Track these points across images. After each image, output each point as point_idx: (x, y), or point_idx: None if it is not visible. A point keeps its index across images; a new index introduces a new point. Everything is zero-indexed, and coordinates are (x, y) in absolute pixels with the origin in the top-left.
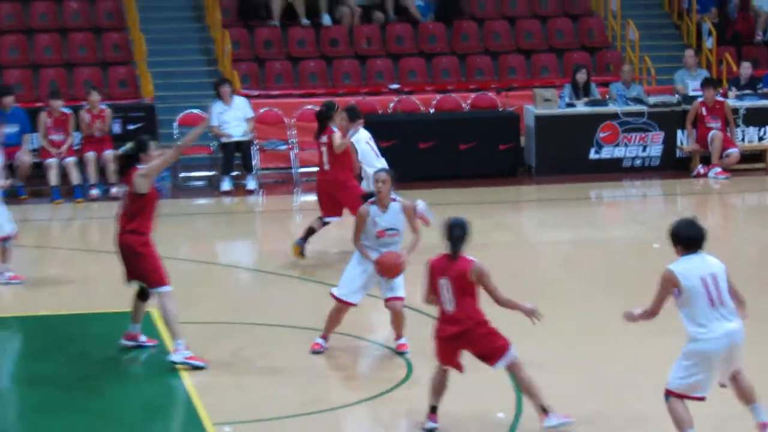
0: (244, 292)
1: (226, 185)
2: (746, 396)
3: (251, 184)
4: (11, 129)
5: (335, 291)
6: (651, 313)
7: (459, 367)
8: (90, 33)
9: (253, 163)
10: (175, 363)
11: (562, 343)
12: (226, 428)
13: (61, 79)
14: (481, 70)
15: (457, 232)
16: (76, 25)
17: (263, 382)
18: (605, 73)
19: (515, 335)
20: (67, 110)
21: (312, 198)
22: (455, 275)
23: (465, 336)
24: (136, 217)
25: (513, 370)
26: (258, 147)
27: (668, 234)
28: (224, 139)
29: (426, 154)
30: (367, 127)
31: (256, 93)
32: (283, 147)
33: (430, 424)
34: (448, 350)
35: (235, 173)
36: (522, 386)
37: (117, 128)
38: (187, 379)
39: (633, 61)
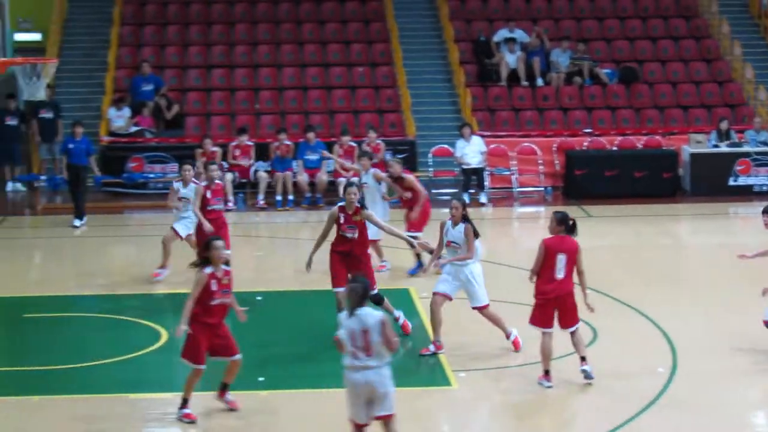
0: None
1: (465, 199)
2: None
3: (483, 198)
4: (314, 156)
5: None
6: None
7: (550, 325)
8: (371, 89)
9: (485, 183)
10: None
11: (703, 313)
12: (462, 374)
13: (349, 121)
14: (651, 119)
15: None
16: (362, 84)
17: (491, 341)
18: (741, 123)
19: (674, 306)
20: (353, 144)
21: (527, 209)
22: (569, 251)
23: (562, 299)
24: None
25: (574, 337)
26: (489, 172)
27: None
28: (465, 166)
29: (610, 180)
30: (568, 159)
31: (488, 134)
32: (507, 172)
33: (546, 383)
34: (547, 312)
35: (472, 191)
36: (575, 343)
37: (388, 157)
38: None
39: (762, 114)
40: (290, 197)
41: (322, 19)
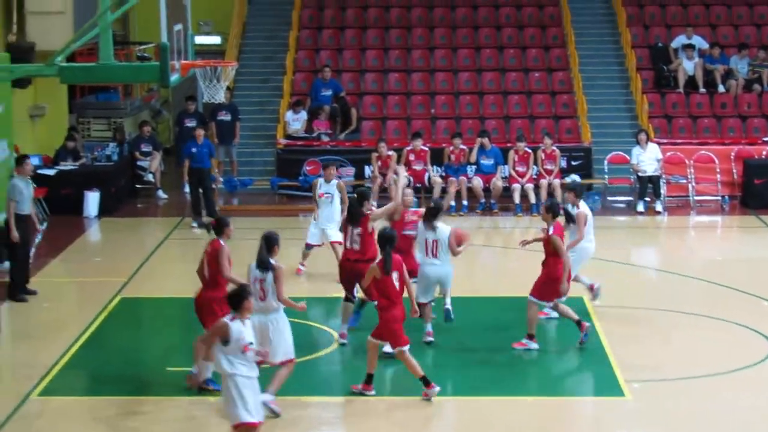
0: (649, 286)
1: (640, 207)
2: None
3: (659, 206)
4: (489, 161)
5: None
6: None
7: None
8: (548, 95)
9: (661, 191)
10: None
11: None
12: (635, 384)
13: (525, 127)
14: None
15: None
16: (538, 89)
17: (666, 352)
18: None
19: None
20: (528, 150)
21: (703, 218)
22: None
23: None
24: None
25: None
26: (665, 180)
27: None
28: (640, 174)
29: None
30: (746, 168)
31: (664, 141)
32: (684, 181)
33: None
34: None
35: (647, 199)
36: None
37: (563, 164)
38: (608, 348)
39: None
40: (464, 202)
41: (499, 24)
